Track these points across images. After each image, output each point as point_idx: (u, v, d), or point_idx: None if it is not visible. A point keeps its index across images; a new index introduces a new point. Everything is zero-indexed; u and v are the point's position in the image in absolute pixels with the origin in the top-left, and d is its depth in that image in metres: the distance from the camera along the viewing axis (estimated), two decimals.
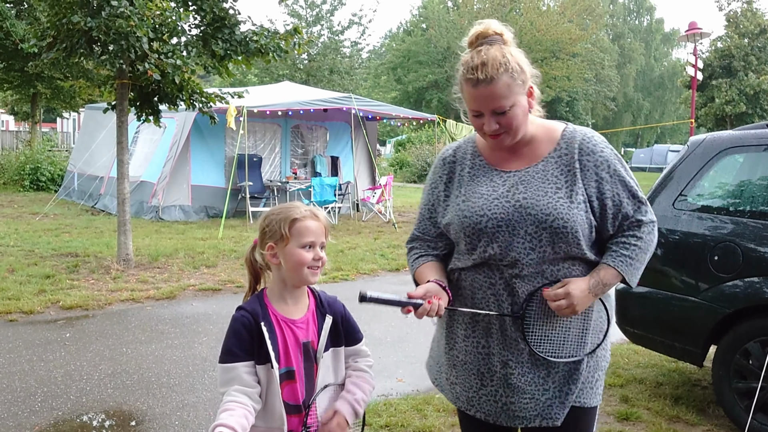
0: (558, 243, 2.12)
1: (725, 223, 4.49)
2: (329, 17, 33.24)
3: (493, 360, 2.20)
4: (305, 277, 2.16)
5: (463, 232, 2.20)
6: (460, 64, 2.16)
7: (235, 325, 2.13)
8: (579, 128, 2.26)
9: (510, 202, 2.16)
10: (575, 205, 2.13)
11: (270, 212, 2.22)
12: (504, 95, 2.08)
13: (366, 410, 4.37)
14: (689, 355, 4.57)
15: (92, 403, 4.62)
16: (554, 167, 2.19)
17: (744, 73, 34.20)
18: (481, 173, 2.27)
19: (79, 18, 7.62)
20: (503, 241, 2.14)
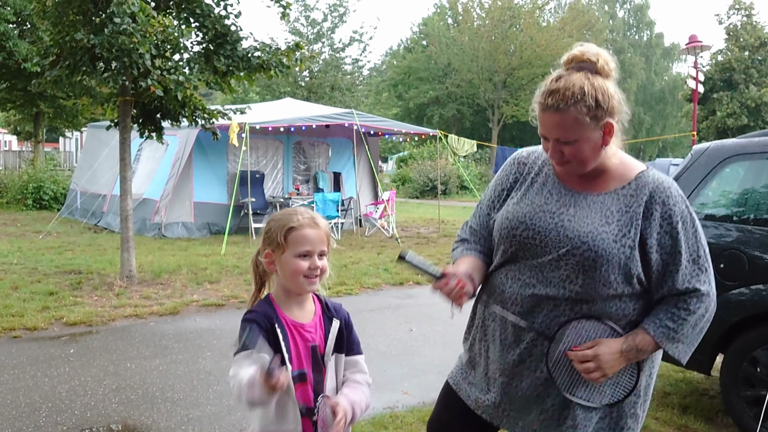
0: (587, 275, 2.04)
1: (730, 231, 4.49)
2: (330, 35, 33.43)
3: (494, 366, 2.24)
4: (301, 286, 2.13)
5: (499, 232, 2.22)
6: (542, 83, 2.10)
7: (251, 325, 2.06)
8: (659, 176, 2.13)
9: (554, 219, 2.12)
10: (618, 245, 2.04)
11: (272, 218, 2.21)
12: (569, 127, 2.01)
13: (371, 423, 4.36)
14: (696, 364, 4.54)
15: (97, 417, 4.59)
16: (613, 203, 2.10)
17: (745, 85, 34.29)
18: (543, 182, 2.23)
19: (83, 35, 7.67)
20: (533, 254, 2.13)
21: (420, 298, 8.85)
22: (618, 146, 2.16)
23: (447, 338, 6.65)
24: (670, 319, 2.06)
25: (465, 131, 42.00)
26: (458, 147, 18.15)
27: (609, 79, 2.06)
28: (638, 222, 2.06)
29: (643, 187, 2.10)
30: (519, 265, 2.18)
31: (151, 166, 15.11)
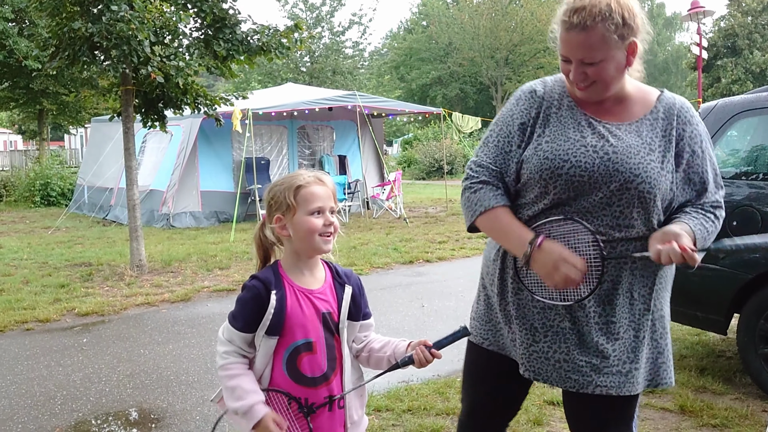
0: (637, 207, 2.01)
1: (741, 189, 4.42)
2: (329, 18, 33.25)
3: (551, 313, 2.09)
4: (318, 246, 2.07)
5: (540, 174, 2.04)
6: (563, 6, 2.02)
7: (246, 294, 2.06)
8: (676, 96, 2.15)
9: (598, 153, 2.01)
10: (665, 172, 2.02)
11: (274, 184, 2.14)
12: (596, 46, 1.94)
13: (387, 396, 4.35)
14: (713, 324, 4.50)
15: (112, 403, 4.59)
16: (649, 129, 2.07)
17: (749, 51, 34.01)
18: (569, 115, 2.10)
19: (80, 24, 7.62)
20: (580, 192, 2.01)
21: (430, 275, 8.83)
22: (639, 70, 2.13)
23: (459, 312, 6.63)
24: (705, 220, 2.06)
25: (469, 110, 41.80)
26: (463, 125, 18.06)
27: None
28: (674, 143, 2.06)
29: (671, 109, 2.10)
30: (563, 208, 2.05)
31: (156, 157, 15.10)
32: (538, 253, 1.99)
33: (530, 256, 2.01)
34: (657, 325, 2.16)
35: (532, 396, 4.29)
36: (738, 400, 4.24)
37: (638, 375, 2.10)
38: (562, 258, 1.96)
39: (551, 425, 3.92)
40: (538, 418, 3.99)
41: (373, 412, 4.17)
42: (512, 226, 2.09)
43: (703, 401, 4.18)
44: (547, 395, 4.27)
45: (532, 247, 2.00)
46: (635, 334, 2.09)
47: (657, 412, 4.10)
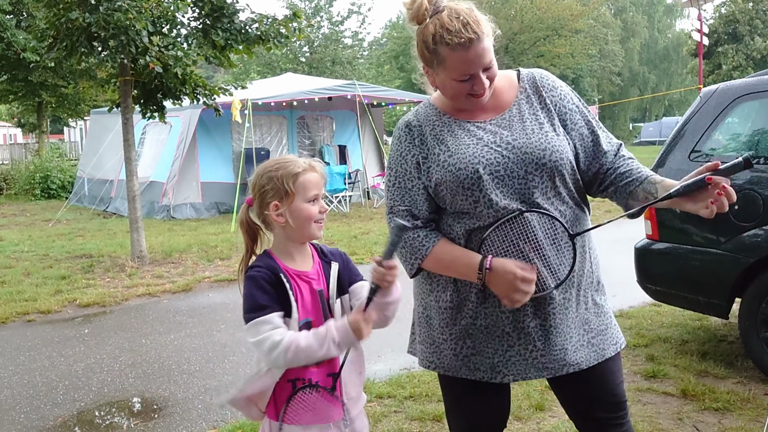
0: (558, 177, 2.04)
1: (743, 172, 4.39)
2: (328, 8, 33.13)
3: (521, 314, 2.05)
4: (312, 232, 2.10)
5: (461, 185, 2.02)
6: (436, 33, 1.98)
7: (256, 282, 2.03)
8: (531, 69, 2.21)
9: (501, 146, 2.04)
10: (561, 137, 2.08)
11: (266, 169, 2.11)
12: (489, 47, 2.01)
13: (389, 383, 4.35)
14: (714, 308, 4.49)
15: (114, 392, 4.59)
16: (527, 107, 2.12)
17: (750, 37, 33.89)
18: (456, 127, 2.11)
19: (78, 14, 7.58)
20: (504, 187, 2.02)
21: None
22: None
23: None
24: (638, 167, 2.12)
25: None
26: None
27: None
28: (554, 111, 2.12)
29: (533, 83, 2.16)
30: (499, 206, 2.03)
31: (156, 148, 15.07)
32: (491, 276, 1.99)
33: (483, 280, 2.01)
34: (601, 291, 2.22)
35: (534, 382, 4.29)
36: (740, 384, 4.23)
37: (604, 342, 2.15)
38: (516, 277, 1.94)
39: (553, 410, 3.92)
40: (540, 403, 3.99)
41: (374, 399, 4.17)
42: (456, 258, 2.06)
43: (704, 385, 4.17)
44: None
45: (484, 273, 1.99)
46: (585, 307, 2.14)
47: (659, 396, 4.10)
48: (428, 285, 2.19)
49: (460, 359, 2.13)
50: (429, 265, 2.11)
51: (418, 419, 3.89)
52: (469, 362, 2.12)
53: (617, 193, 2.11)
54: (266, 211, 2.10)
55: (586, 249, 2.16)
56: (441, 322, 2.15)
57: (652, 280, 4.85)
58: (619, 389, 2.19)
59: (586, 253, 2.15)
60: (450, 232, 2.11)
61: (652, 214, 4.78)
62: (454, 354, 2.13)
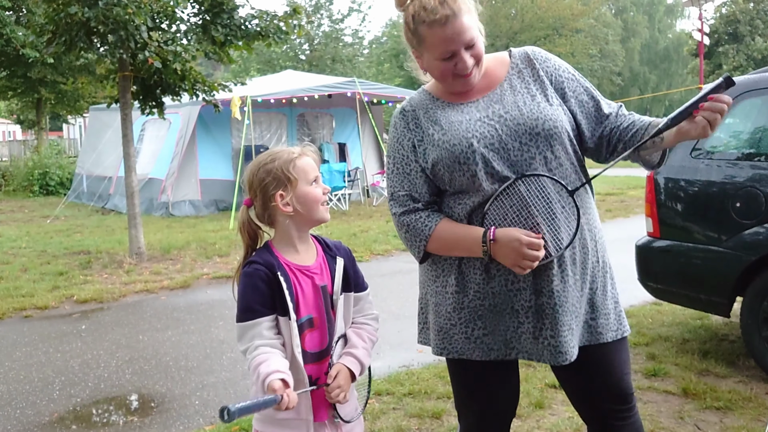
0: (555, 146, 2.04)
1: (744, 169, 4.37)
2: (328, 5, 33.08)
3: (527, 293, 2.04)
4: (321, 214, 2.09)
5: (457, 161, 2.03)
6: (416, 12, 1.99)
7: (251, 280, 2.00)
8: (524, 47, 2.22)
9: (494, 120, 2.05)
10: (556, 106, 2.08)
11: (261, 164, 2.08)
12: (471, 24, 2.00)
13: (388, 380, 4.32)
14: (715, 306, 4.46)
15: (111, 388, 4.56)
16: (519, 81, 2.12)
17: (750, 37, 33.84)
18: (449, 108, 2.13)
19: (77, 9, 7.54)
20: (500, 159, 2.02)
21: None
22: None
23: None
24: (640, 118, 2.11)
25: None
26: None
27: None
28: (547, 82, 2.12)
29: (526, 57, 2.16)
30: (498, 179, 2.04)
31: (155, 145, 15.03)
32: (496, 247, 1.98)
33: (489, 252, 2.00)
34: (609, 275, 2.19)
35: (533, 379, 4.27)
36: (741, 383, 4.20)
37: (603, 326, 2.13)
38: (521, 243, 1.94)
39: (553, 408, 3.89)
40: (539, 401, 3.96)
41: (373, 396, 4.14)
42: (459, 235, 2.06)
43: (706, 384, 4.14)
44: (548, 378, 4.23)
45: (488, 245, 1.99)
46: (591, 287, 2.12)
47: (660, 395, 4.07)
48: (433, 271, 2.19)
49: (473, 341, 2.12)
50: (433, 246, 2.11)
51: (417, 416, 3.86)
52: (482, 343, 2.11)
53: (626, 147, 2.09)
54: (272, 202, 2.06)
55: (591, 227, 2.14)
56: (449, 307, 2.14)
57: (653, 278, 4.82)
58: (624, 381, 2.15)
59: (589, 231, 2.13)
60: (452, 214, 2.11)
61: (654, 212, 4.75)
62: (466, 337, 2.12)
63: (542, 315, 2.04)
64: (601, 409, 2.16)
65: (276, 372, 1.87)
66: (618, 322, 2.16)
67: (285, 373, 1.88)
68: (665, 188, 4.72)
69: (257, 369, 1.90)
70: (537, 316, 2.05)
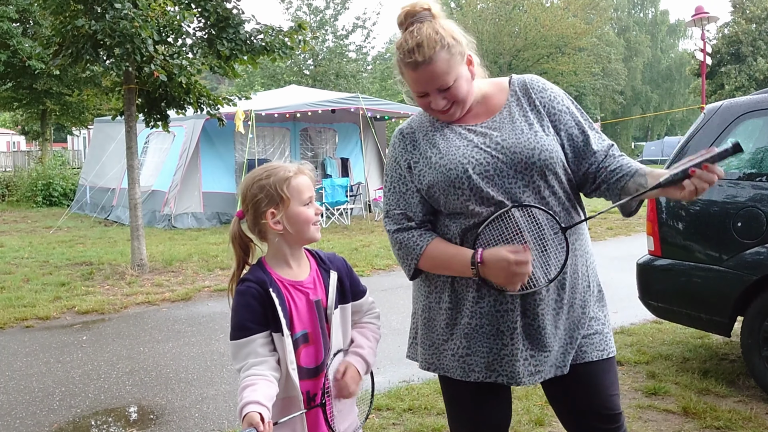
0: (549, 176, 2.06)
1: (746, 189, 4.39)
2: (333, 22, 33.25)
3: (513, 315, 2.06)
4: (312, 235, 2.08)
5: (452, 185, 2.06)
6: (396, 48, 2.08)
7: (243, 298, 2.00)
8: (524, 75, 2.24)
9: (490, 147, 2.08)
10: (551, 137, 2.10)
11: (255, 178, 2.08)
12: (445, 71, 2.03)
13: (388, 395, 4.32)
14: (716, 325, 4.46)
15: (111, 400, 4.56)
16: (518, 109, 2.15)
17: (753, 58, 33.99)
18: (448, 131, 2.16)
19: (84, 22, 7.61)
20: (495, 185, 2.04)
21: None
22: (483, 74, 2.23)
23: None
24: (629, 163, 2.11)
25: None
26: None
27: (444, 19, 2.11)
28: (543, 112, 2.14)
29: (524, 85, 2.19)
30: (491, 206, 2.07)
31: (158, 157, 15.09)
32: (485, 269, 2.01)
33: (478, 273, 2.03)
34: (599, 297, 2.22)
35: (533, 396, 4.26)
36: (741, 402, 4.20)
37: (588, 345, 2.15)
38: (507, 261, 1.96)
39: (553, 425, 3.89)
40: (539, 418, 3.95)
41: (373, 411, 4.13)
42: (449, 255, 2.09)
43: (706, 403, 4.14)
44: None
45: (477, 267, 2.02)
46: (581, 311, 2.15)
47: (660, 413, 4.06)
48: (427, 287, 2.22)
49: (456, 359, 2.15)
50: (425, 264, 2.14)
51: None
52: (464, 363, 2.14)
53: (609, 190, 2.11)
54: (262, 220, 2.06)
55: (582, 252, 2.17)
56: (442, 322, 2.17)
57: (654, 297, 4.83)
58: (611, 401, 2.17)
59: (581, 256, 2.16)
60: (447, 233, 2.14)
61: (655, 231, 4.77)
62: (452, 354, 2.16)
63: (525, 336, 2.08)
64: (589, 428, 2.18)
65: (255, 404, 1.83)
66: (604, 342, 2.18)
67: (265, 406, 1.84)
68: (667, 207, 4.74)
69: (242, 393, 1.89)
70: (520, 338, 2.08)
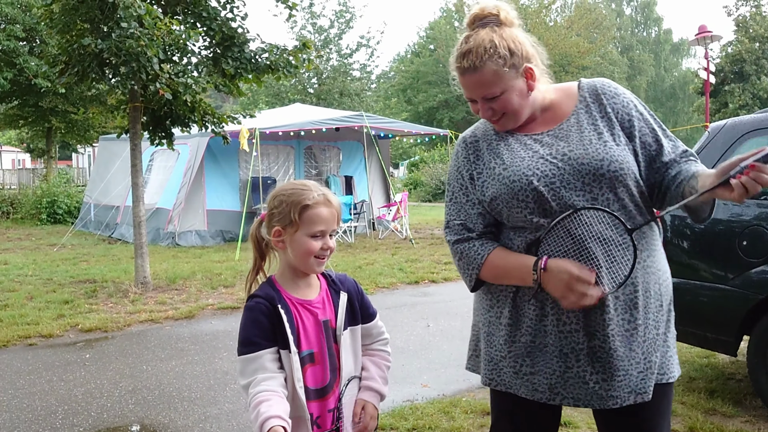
0: (619, 188, 1.97)
1: (750, 208, 4.38)
2: (337, 41, 33.46)
3: (578, 336, 1.99)
4: (310, 267, 2.04)
5: (516, 197, 2.00)
6: (454, 51, 2.07)
7: (252, 314, 1.99)
8: (594, 78, 2.16)
9: (556, 158, 2.00)
10: (622, 146, 2.01)
11: (281, 191, 2.08)
12: (491, 82, 1.99)
13: (392, 414, 4.29)
14: (722, 345, 4.43)
15: (113, 418, 4.54)
16: (586, 117, 2.06)
17: (756, 77, 34.04)
18: (513, 141, 2.10)
19: (90, 41, 7.66)
20: (560, 198, 1.97)
21: (436, 295, 8.77)
22: (548, 82, 2.16)
23: (465, 332, 6.53)
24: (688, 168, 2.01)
25: None
26: None
27: (514, 27, 2.06)
28: (615, 119, 2.06)
29: (594, 91, 2.11)
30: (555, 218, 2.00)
31: (163, 175, 15.13)
32: (546, 277, 1.94)
33: (539, 281, 1.96)
34: (669, 320, 2.11)
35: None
36: (748, 422, 4.16)
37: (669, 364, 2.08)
38: (572, 276, 1.89)
39: None
40: None
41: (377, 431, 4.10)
42: (511, 263, 2.04)
43: (713, 423, 4.10)
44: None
45: (539, 273, 1.95)
46: (656, 332, 2.04)
47: None
48: (488, 301, 2.16)
49: (520, 377, 2.08)
50: (486, 274, 2.09)
51: None
52: (528, 382, 2.07)
53: (672, 198, 2.03)
54: (269, 236, 2.08)
55: (655, 270, 2.06)
56: (501, 338, 2.11)
57: None
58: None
59: (653, 274, 2.05)
60: (510, 246, 2.08)
61: None
62: (515, 372, 2.09)
63: (594, 359, 1.99)
64: None
65: (277, 417, 1.81)
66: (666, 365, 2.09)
67: (286, 421, 1.82)
68: (672, 226, 4.73)
69: (257, 407, 1.85)
70: (588, 360, 2.00)
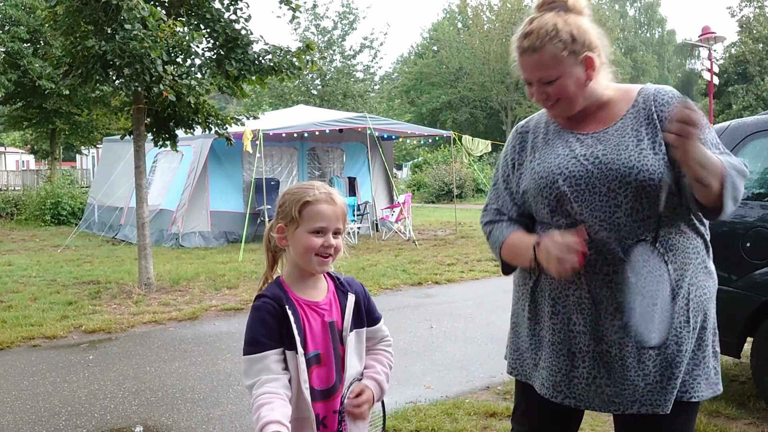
0: (644, 198, 1.94)
1: (754, 209, 4.38)
2: (341, 42, 33.50)
3: (585, 338, 2.00)
4: (312, 265, 2.03)
5: (540, 194, 2.06)
6: (516, 31, 2.09)
7: (259, 314, 1.99)
8: (656, 85, 2.13)
9: (589, 160, 2.01)
10: (660, 156, 1.96)
11: (288, 190, 2.10)
12: (548, 65, 1.99)
13: (395, 416, 4.29)
14: (725, 346, 4.38)
15: (117, 419, 4.55)
16: (632, 122, 2.04)
17: (760, 78, 34.01)
18: (556, 137, 2.13)
19: (94, 42, 7.68)
20: (584, 201, 1.98)
21: (439, 297, 8.77)
22: (610, 79, 2.15)
23: (468, 334, 6.57)
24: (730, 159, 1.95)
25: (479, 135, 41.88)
26: (472, 147, 18.07)
27: (582, 15, 2.06)
28: (660, 127, 2.00)
29: (647, 96, 2.08)
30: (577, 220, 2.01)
31: (166, 177, 15.15)
32: (539, 252, 1.99)
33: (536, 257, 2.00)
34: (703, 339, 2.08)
35: None
36: (752, 425, 4.16)
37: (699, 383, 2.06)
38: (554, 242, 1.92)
39: None
40: None
41: None
42: (520, 242, 2.12)
43: (716, 425, 4.10)
44: None
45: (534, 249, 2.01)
46: (677, 349, 2.00)
47: None
48: (516, 293, 2.26)
49: (538, 371, 2.15)
50: (506, 254, 2.17)
51: None
52: (539, 375, 2.14)
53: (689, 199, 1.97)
54: (274, 231, 2.09)
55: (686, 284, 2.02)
56: (524, 330, 2.20)
57: None
58: None
59: (682, 288, 2.01)
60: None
61: None
62: (534, 364, 2.17)
63: (600, 363, 2.00)
64: None
65: (276, 423, 1.81)
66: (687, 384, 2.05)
67: (285, 426, 1.82)
68: None
69: (259, 410, 1.85)
70: (593, 363, 2.01)
